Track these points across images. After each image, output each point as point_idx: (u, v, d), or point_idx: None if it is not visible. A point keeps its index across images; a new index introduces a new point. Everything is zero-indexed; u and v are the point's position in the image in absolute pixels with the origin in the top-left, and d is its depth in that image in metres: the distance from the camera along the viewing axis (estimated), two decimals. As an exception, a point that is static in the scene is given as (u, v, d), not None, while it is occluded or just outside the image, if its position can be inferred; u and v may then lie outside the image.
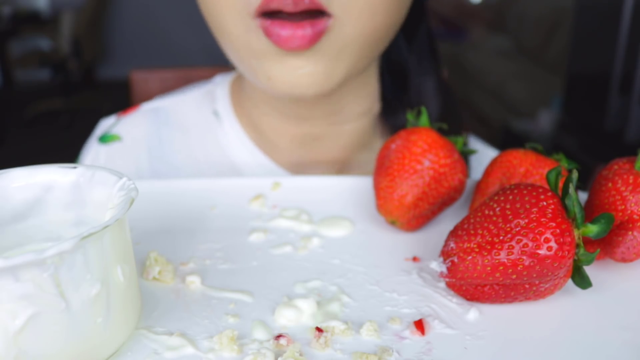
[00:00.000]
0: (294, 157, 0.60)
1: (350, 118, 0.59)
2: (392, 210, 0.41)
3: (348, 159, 0.61)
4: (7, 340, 0.26)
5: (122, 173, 0.32)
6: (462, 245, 0.34)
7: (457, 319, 0.34)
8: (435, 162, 0.41)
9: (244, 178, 0.50)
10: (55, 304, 0.26)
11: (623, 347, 0.32)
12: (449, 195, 0.42)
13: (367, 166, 0.61)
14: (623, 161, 0.38)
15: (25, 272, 0.25)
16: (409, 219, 0.41)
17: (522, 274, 0.32)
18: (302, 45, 0.46)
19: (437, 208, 0.42)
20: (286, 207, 0.46)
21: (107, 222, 0.27)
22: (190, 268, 0.39)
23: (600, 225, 0.33)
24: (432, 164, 0.41)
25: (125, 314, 0.30)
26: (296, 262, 0.40)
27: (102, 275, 0.28)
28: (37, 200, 0.34)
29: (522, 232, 0.32)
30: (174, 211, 0.45)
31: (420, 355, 0.31)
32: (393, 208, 0.41)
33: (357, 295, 0.36)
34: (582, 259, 0.33)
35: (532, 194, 0.33)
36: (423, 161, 0.41)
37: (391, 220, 0.42)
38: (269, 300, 0.35)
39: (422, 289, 0.37)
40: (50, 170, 0.34)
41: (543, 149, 0.42)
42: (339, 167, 0.61)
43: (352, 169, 0.61)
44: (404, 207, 0.41)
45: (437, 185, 0.41)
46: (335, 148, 0.60)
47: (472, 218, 0.34)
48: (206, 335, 0.32)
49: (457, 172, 0.42)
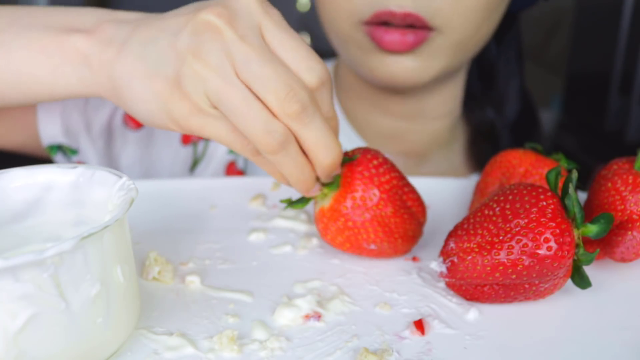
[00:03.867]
0: (378, 147, 0.63)
1: (434, 117, 0.64)
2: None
3: (426, 155, 0.66)
4: (7, 341, 0.26)
5: (121, 173, 0.32)
6: (462, 245, 0.34)
7: (456, 319, 0.34)
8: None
9: (243, 178, 0.50)
10: (55, 304, 0.26)
11: (623, 347, 0.32)
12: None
13: (443, 164, 0.66)
14: (622, 161, 0.38)
15: (25, 273, 0.25)
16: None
17: (522, 274, 0.32)
18: (402, 49, 0.52)
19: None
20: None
21: (107, 222, 0.27)
22: (190, 268, 0.39)
23: (600, 225, 0.33)
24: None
25: (125, 314, 0.30)
26: (296, 262, 0.40)
27: (102, 276, 0.28)
28: (37, 200, 0.34)
29: (522, 232, 0.32)
30: (174, 211, 0.45)
31: (420, 355, 0.31)
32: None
33: (357, 295, 0.36)
34: (582, 259, 0.33)
35: (532, 194, 0.33)
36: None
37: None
38: (269, 300, 0.35)
39: (422, 288, 0.37)
40: (49, 170, 0.34)
41: (543, 148, 0.42)
42: (417, 161, 0.65)
43: (429, 164, 0.66)
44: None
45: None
46: (416, 143, 0.65)
47: (472, 218, 0.34)
48: (206, 335, 0.32)
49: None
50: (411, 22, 0.51)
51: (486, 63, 0.67)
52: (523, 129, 0.69)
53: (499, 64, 0.67)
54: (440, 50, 0.54)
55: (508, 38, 0.67)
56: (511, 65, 0.68)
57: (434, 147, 0.66)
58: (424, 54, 0.53)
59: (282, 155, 0.34)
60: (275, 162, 0.34)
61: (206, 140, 0.64)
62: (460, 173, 0.67)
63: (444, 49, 0.54)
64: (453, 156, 0.67)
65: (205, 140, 0.64)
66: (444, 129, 0.66)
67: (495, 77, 0.67)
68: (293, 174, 0.35)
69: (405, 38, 0.51)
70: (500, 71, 0.67)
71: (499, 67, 0.67)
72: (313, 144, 0.34)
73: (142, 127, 0.61)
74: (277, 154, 0.34)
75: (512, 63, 0.68)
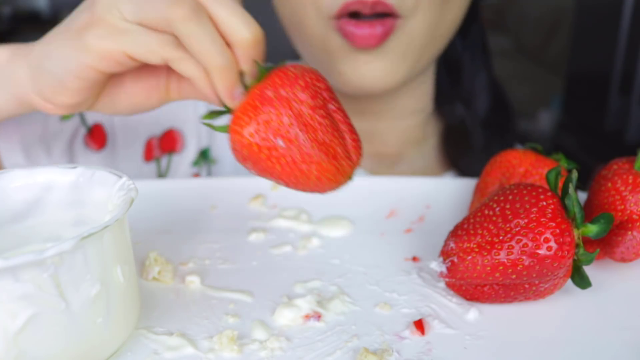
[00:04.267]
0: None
1: (405, 115, 0.63)
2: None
3: (399, 155, 0.64)
4: (7, 341, 0.26)
5: (121, 173, 0.32)
6: (461, 245, 0.34)
7: (456, 319, 0.34)
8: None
9: (244, 178, 0.50)
10: (55, 304, 0.26)
11: (623, 347, 0.32)
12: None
13: (417, 163, 0.64)
14: (622, 161, 0.38)
15: (25, 273, 0.25)
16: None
17: (522, 273, 0.32)
18: (372, 44, 0.51)
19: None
20: (286, 207, 0.46)
21: (107, 222, 0.27)
22: (190, 268, 0.39)
23: (600, 225, 0.33)
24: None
25: (125, 314, 0.30)
26: (296, 262, 0.40)
27: (102, 276, 0.28)
28: (37, 200, 0.34)
29: (522, 232, 0.32)
30: (174, 211, 0.45)
31: (420, 355, 0.31)
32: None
33: (357, 295, 0.36)
34: (582, 259, 0.33)
35: (532, 194, 0.33)
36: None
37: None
38: (269, 300, 0.35)
39: (422, 289, 0.37)
40: (49, 170, 0.34)
41: (543, 148, 0.42)
42: (390, 162, 0.64)
43: (403, 164, 0.64)
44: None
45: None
46: (388, 143, 0.64)
47: (472, 218, 0.34)
48: (206, 335, 0.32)
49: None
50: (381, 10, 0.50)
51: (452, 58, 0.66)
52: (496, 124, 0.68)
53: (464, 58, 0.66)
54: (408, 44, 0.53)
55: (472, 32, 0.65)
56: (477, 60, 0.66)
57: (407, 146, 0.65)
58: (392, 52, 0.53)
59: (196, 24, 0.32)
60: (191, 38, 0.32)
61: (169, 155, 0.63)
62: (435, 172, 0.66)
63: (413, 41, 0.53)
64: (427, 155, 0.66)
65: (169, 156, 0.63)
66: (416, 127, 0.65)
67: (462, 71, 0.66)
68: (212, 55, 0.32)
69: (374, 30, 0.51)
70: (466, 65, 0.66)
71: (464, 62, 0.66)
72: (227, 18, 0.33)
73: (104, 147, 0.60)
74: (190, 20, 0.32)
75: (477, 57, 0.67)
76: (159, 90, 0.39)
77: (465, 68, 0.66)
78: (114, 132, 0.60)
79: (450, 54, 0.65)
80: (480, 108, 0.67)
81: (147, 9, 0.33)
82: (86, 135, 0.59)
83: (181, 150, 0.63)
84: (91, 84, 0.37)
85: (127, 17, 0.33)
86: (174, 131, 0.63)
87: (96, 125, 0.60)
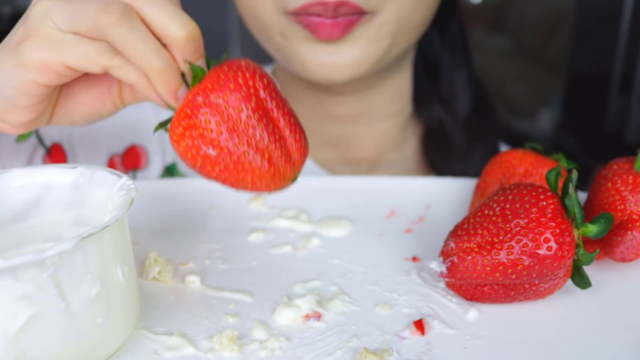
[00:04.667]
0: (324, 156, 0.60)
1: (382, 117, 0.60)
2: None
3: (377, 160, 0.61)
4: (7, 341, 0.26)
5: (121, 173, 0.32)
6: (461, 245, 0.34)
7: (456, 319, 0.34)
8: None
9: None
10: (55, 304, 0.26)
11: (623, 347, 0.32)
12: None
13: (397, 166, 0.61)
14: (622, 161, 0.38)
15: (25, 273, 0.25)
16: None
17: (522, 273, 0.32)
18: (335, 35, 0.47)
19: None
20: (286, 207, 0.46)
21: (107, 222, 0.27)
22: (190, 268, 0.39)
23: (600, 225, 0.33)
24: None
25: (125, 314, 0.30)
26: (296, 262, 0.40)
27: (102, 276, 0.28)
28: (37, 200, 0.34)
29: (522, 232, 0.32)
30: (174, 211, 0.45)
31: (420, 355, 0.31)
32: None
33: (357, 295, 0.36)
34: (582, 259, 0.33)
35: (532, 194, 0.33)
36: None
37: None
38: (269, 300, 0.35)
39: (422, 289, 0.37)
40: (49, 170, 0.34)
41: (543, 148, 0.42)
42: (368, 168, 0.61)
43: (382, 168, 0.61)
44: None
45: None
46: (366, 147, 0.61)
47: (472, 218, 0.34)
48: (206, 335, 0.32)
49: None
50: (345, 12, 0.47)
51: (430, 55, 0.62)
52: (477, 125, 0.64)
53: (442, 55, 0.62)
54: (377, 31, 0.49)
55: (451, 28, 0.62)
56: (456, 57, 0.63)
57: (385, 150, 0.62)
58: (360, 39, 0.49)
59: (128, 29, 0.30)
60: (125, 44, 0.31)
61: (133, 172, 0.61)
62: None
63: (381, 28, 0.49)
64: (406, 159, 0.63)
65: (132, 172, 0.61)
66: (395, 130, 0.62)
67: (440, 70, 0.63)
68: (149, 58, 0.31)
69: (337, 21, 0.47)
70: (444, 63, 0.62)
71: (442, 59, 0.62)
72: (158, 18, 0.31)
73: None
74: (121, 26, 0.30)
75: (457, 54, 0.63)
76: (111, 96, 0.38)
77: (444, 66, 0.62)
78: (73, 151, 0.58)
79: (428, 51, 0.62)
80: (460, 108, 0.63)
81: (78, 17, 0.31)
82: (45, 155, 0.56)
83: (145, 166, 0.61)
84: (40, 99, 0.35)
85: (61, 26, 0.32)
86: (137, 147, 0.60)
87: (55, 145, 0.57)
